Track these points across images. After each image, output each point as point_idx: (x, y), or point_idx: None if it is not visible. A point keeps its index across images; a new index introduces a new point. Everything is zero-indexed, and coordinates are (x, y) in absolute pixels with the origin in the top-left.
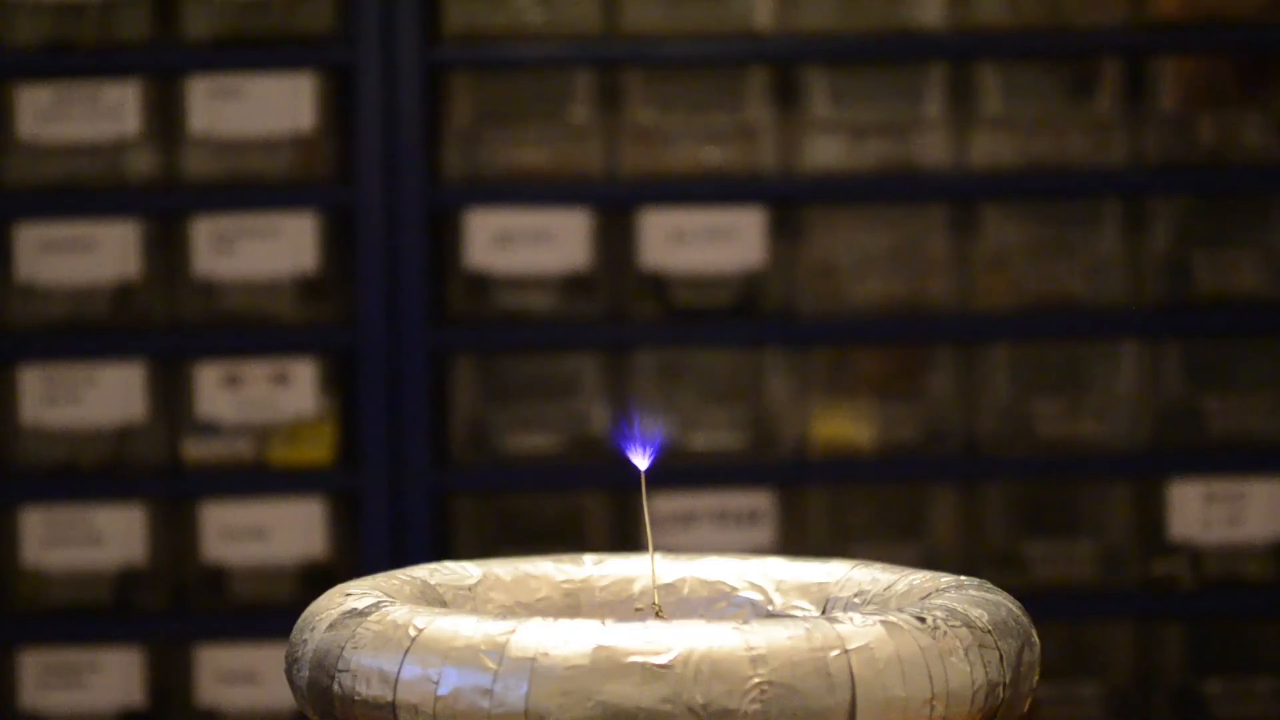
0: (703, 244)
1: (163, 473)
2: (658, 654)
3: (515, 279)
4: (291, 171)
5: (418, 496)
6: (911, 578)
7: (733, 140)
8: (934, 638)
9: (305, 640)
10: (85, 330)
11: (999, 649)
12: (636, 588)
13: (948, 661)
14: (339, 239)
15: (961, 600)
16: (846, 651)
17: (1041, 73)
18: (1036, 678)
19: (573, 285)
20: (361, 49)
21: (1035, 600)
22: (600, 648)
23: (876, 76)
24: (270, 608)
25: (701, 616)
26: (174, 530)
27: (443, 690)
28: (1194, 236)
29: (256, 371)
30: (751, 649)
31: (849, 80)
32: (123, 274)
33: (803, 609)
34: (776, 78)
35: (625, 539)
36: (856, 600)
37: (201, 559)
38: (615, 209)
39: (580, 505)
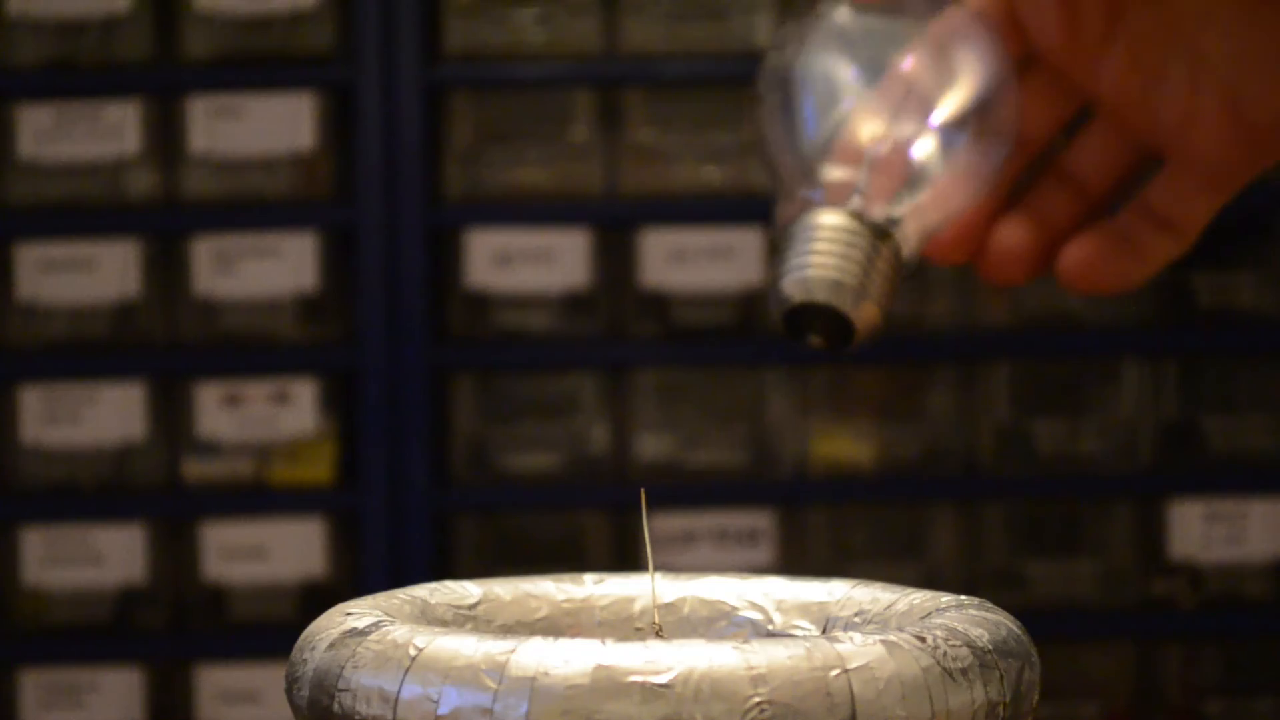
0: (703, 263)
1: (163, 492)
2: (658, 673)
3: (515, 298)
4: (292, 191)
5: (418, 516)
6: (912, 597)
7: (733, 159)
8: (934, 657)
9: (305, 660)
10: (85, 350)
11: (999, 668)
12: (637, 607)
13: (948, 681)
14: (339, 258)
15: (962, 620)
16: (847, 671)
17: None
18: (1037, 697)
19: (572, 304)
20: (362, 68)
21: (1035, 619)
22: (600, 667)
23: None
24: (270, 627)
25: (702, 636)
26: (174, 549)
27: (443, 710)
28: (1194, 255)
29: (256, 391)
30: (752, 668)
31: None
32: (123, 293)
33: (803, 628)
34: None
35: (625, 558)
36: (857, 619)
37: (201, 578)
38: (615, 228)
39: (580, 524)
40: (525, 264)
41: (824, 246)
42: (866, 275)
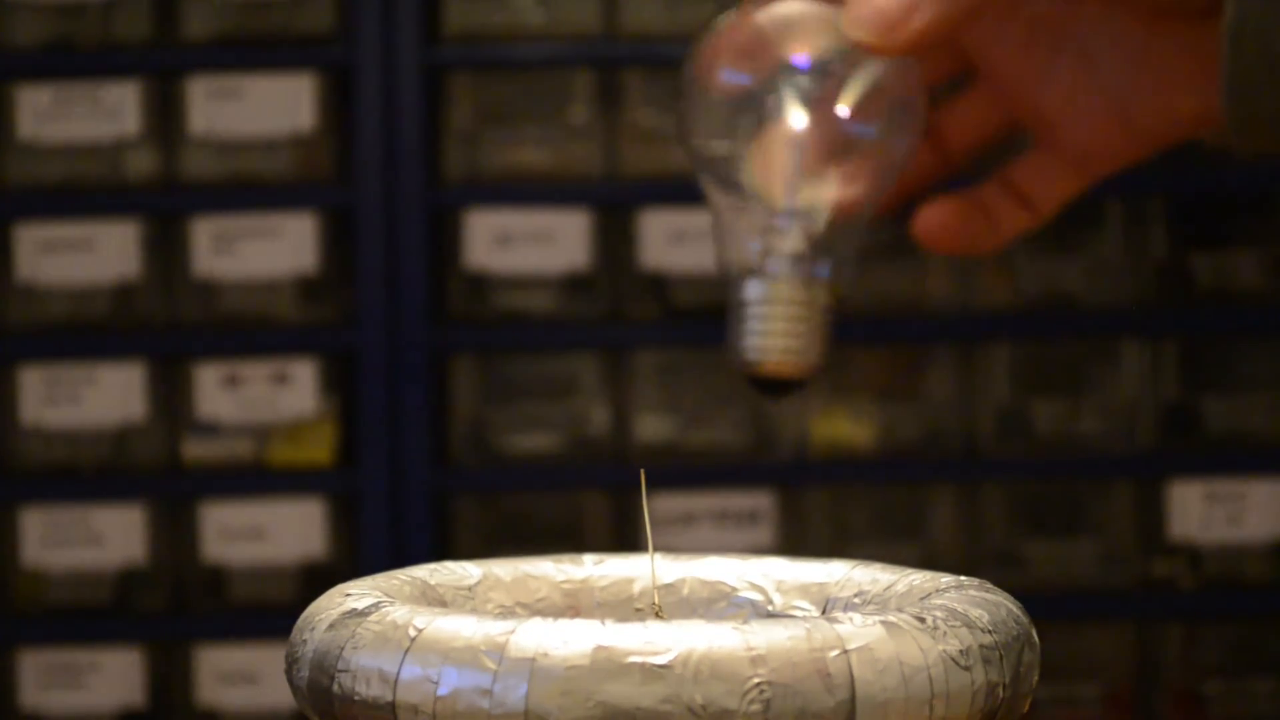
0: (703, 244)
1: (162, 473)
2: (657, 654)
3: (515, 279)
4: (291, 172)
5: (418, 496)
6: (911, 578)
7: None
8: (934, 638)
9: (305, 640)
10: (85, 330)
11: (999, 649)
12: (636, 588)
13: (948, 662)
14: (339, 239)
15: (961, 600)
16: (846, 652)
17: None
18: (1036, 678)
19: (572, 285)
20: (361, 49)
21: (1035, 600)
22: (600, 648)
23: None
24: (270, 608)
25: (701, 617)
26: (174, 530)
27: (442, 690)
28: (1194, 235)
29: (256, 372)
30: (751, 649)
31: None
32: (122, 274)
33: (803, 609)
34: None
35: (625, 539)
36: (856, 600)
37: (201, 559)
38: (615, 209)
39: (580, 505)
40: (525, 245)
41: (773, 314)
42: (807, 333)
